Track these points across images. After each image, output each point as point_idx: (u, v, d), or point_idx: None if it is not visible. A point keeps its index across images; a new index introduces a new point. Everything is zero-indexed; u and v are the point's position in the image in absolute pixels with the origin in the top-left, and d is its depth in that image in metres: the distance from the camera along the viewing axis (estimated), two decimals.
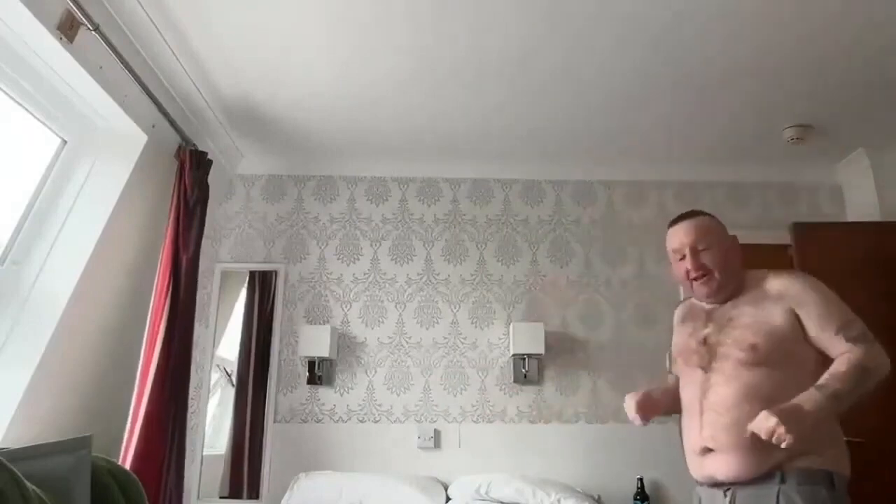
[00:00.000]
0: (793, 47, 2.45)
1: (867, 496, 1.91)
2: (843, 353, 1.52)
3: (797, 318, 1.57)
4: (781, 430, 1.36)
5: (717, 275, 1.68)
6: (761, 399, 1.49)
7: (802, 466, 1.46)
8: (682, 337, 1.78)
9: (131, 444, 2.32)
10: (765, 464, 1.48)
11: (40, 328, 2.09)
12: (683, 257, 1.72)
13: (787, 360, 1.55)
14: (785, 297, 1.60)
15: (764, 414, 1.41)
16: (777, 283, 1.63)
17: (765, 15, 2.25)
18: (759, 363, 1.54)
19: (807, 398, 1.44)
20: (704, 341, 1.67)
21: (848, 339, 1.52)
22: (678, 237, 1.75)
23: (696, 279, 1.70)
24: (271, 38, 2.42)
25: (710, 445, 1.56)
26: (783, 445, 1.37)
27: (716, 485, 1.57)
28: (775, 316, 1.58)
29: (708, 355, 1.63)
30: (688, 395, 1.69)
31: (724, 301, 1.70)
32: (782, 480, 1.46)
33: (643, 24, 2.31)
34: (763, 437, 1.40)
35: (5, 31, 1.86)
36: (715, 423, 1.55)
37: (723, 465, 1.53)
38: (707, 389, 1.60)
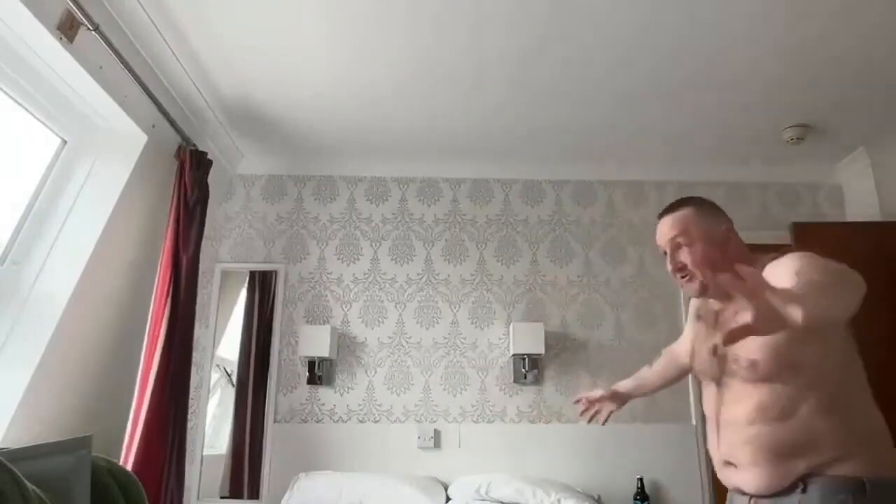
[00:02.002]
0: (793, 48, 2.45)
1: None
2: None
3: None
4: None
5: (698, 274, 1.53)
6: (773, 417, 1.40)
7: (830, 475, 1.34)
8: (697, 339, 1.67)
9: (132, 444, 2.33)
10: (787, 476, 1.38)
11: (40, 328, 2.09)
12: (666, 254, 1.60)
13: (792, 371, 1.39)
14: None
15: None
16: (766, 272, 1.43)
17: (765, 15, 2.25)
18: (764, 380, 1.40)
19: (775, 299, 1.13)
20: (714, 351, 1.55)
21: (796, 289, 1.23)
22: (661, 232, 1.62)
23: (681, 279, 1.58)
24: (271, 38, 2.42)
25: (730, 460, 1.49)
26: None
27: (742, 493, 1.50)
28: None
29: (718, 368, 1.53)
30: (707, 406, 1.61)
31: (729, 298, 1.54)
32: (804, 490, 1.35)
33: (645, 25, 2.31)
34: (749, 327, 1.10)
35: (5, 31, 1.86)
36: (731, 441, 1.48)
37: (745, 480, 1.45)
38: (721, 405, 1.52)
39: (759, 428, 1.42)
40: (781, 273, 1.39)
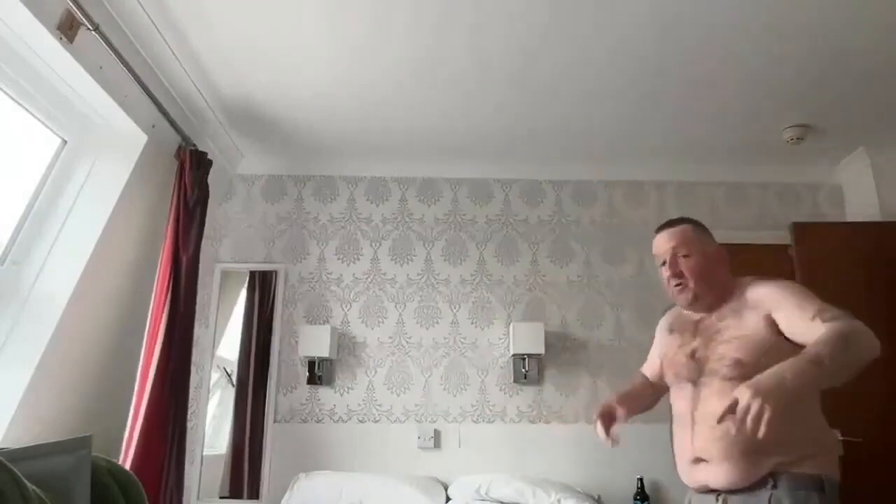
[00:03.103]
0: (793, 48, 2.44)
1: (865, 496, 1.91)
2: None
3: (774, 324, 1.54)
4: (756, 405, 1.26)
5: (692, 283, 1.67)
6: None
7: (795, 472, 1.46)
8: (671, 349, 1.78)
9: (131, 444, 2.32)
10: (757, 472, 1.48)
11: (40, 328, 2.09)
12: (664, 263, 1.74)
13: None
14: (760, 304, 1.57)
15: (741, 389, 1.30)
16: (755, 292, 1.61)
17: (766, 16, 2.25)
18: (746, 377, 1.46)
19: (788, 365, 1.34)
20: (693, 355, 1.66)
21: (825, 321, 1.44)
22: (660, 243, 1.77)
23: (675, 286, 1.71)
24: (271, 38, 2.42)
25: (702, 456, 1.56)
26: (759, 429, 1.25)
27: (708, 491, 1.58)
28: (755, 327, 1.55)
29: (697, 370, 1.63)
30: (679, 407, 1.69)
31: (710, 311, 1.69)
32: (774, 486, 1.47)
33: (645, 25, 2.31)
34: (738, 416, 1.29)
35: (5, 31, 1.86)
36: (706, 435, 1.55)
37: (715, 475, 1.53)
38: (698, 402, 1.60)
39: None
40: (776, 300, 1.56)
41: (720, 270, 1.71)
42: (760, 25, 2.31)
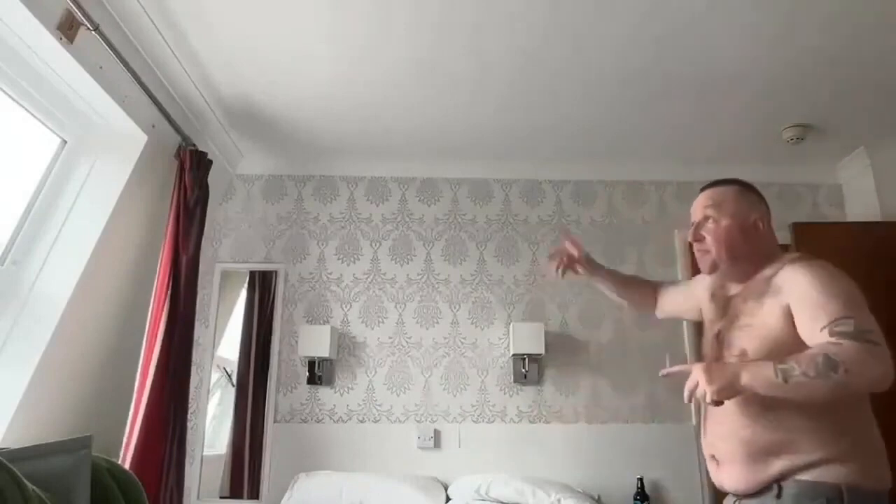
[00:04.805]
0: (792, 47, 2.44)
1: None
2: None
3: (792, 316, 1.38)
4: (703, 385, 1.26)
5: (713, 251, 1.52)
6: (756, 410, 1.37)
7: (806, 479, 1.30)
8: (706, 318, 1.66)
9: (131, 444, 2.32)
10: (761, 477, 1.35)
11: (40, 328, 2.09)
12: (693, 225, 1.60)
13: None
14: (783, 291, 1.40)
15: (697, 368, 1.30)
16: (784, 275, 1.43)
17: (765, 16, 2.25)
18: None
19: (753, 366, 1.28)
20: (717, 336, 1.54)
21: (833, 334, 1.26)
22: (695, 204, 1.62)
23: (697, 251, 1.57)
24: (272, 37, 2.42)
25: (713, 454, 1.48)
26: (706, 399, 1.26)
27: (729, 493, 1.49)
28: (771, 316, 1.40)
29: (716, 354, 1.52)
30: None
31: (743, 282, 1.54)
32: (778, 495, 1.32)
33: (645, 26, 2.31)
34: (686, 392, 1.30)
35: (5, 31, 1.86)
36: (714, 432, 1.47)
37: (726, 477, 1.44)
38: None
39: (738, 420, 1.40)
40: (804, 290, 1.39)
41: (756, 243, 1.54)
42: (761, 25, 2.31)
